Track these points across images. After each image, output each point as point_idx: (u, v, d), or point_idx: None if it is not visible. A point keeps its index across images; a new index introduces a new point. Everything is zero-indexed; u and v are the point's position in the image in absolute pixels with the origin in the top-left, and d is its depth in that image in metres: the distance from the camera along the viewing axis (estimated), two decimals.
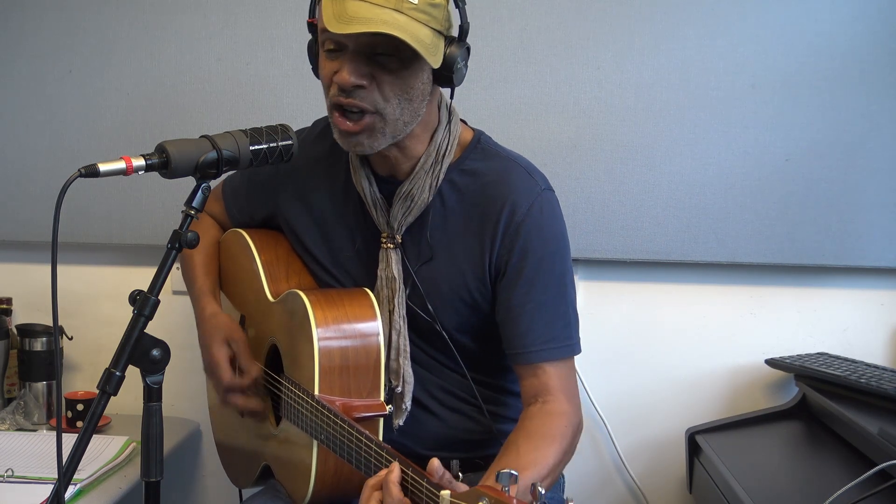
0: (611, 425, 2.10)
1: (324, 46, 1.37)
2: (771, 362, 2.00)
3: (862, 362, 1.92)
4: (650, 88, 1.98)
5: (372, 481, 1.19)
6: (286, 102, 2.04)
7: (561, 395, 1.43)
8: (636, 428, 2.11)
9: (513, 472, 0.99)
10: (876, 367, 1.89)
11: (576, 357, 1.50)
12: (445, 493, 1.05)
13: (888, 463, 1.31)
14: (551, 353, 1.44)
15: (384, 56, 1.32)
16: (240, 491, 1.85)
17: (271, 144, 1.32)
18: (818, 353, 2.03)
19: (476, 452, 1.55)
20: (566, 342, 1.47)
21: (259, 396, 1.58)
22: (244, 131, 1.30)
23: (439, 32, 1.35)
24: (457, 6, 1.39)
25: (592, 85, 1.99)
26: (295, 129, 1.38)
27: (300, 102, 2.03)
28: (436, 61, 1.33)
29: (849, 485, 1.27)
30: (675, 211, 2.00)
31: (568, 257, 1.51)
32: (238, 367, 1.56)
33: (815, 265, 2.02)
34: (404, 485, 1.15)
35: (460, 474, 1.37)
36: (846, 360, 1.94)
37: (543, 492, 0.96)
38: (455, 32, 1.40)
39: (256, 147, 1.30)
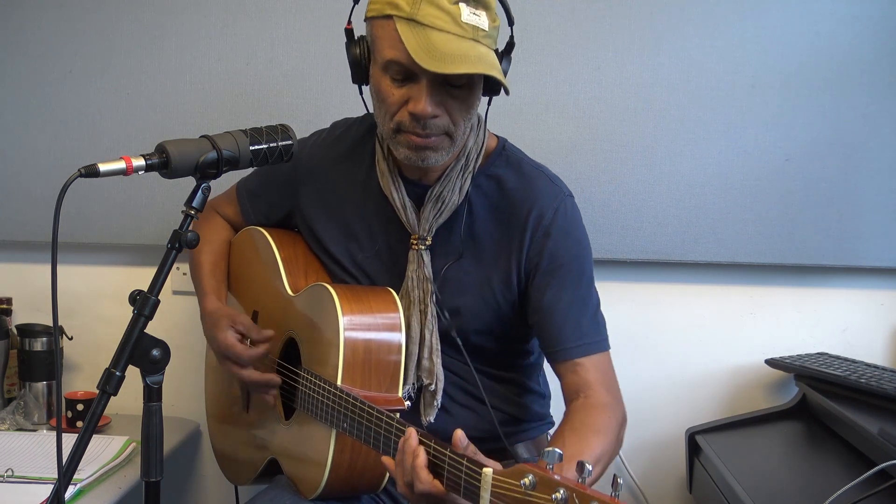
0: None
1: (387, 71, 1.37)
2: (771, 362, 2.00)
3: (862, 362, 1.92)
4: (650, 88, 1.98)
5: (400, 457, 1.21)
6: (286, 102, 2.04)
7: (601, 388, 1.47)
8: (636, 428, 2.09)
9: (558, 450, 0.99)
10: (876, 367, 1.89)
11: None
12: (488, 470, 1.06)
13: (888, 463, 1.31)
14: (586, 349, 1.49)
15: (458, 86, 1.36)
16: (235, 488, 1.85)
17: (271, 144, 1.32)
18: (818, 353, 2.03)
19: (482, 445, 1.56)
20: (597, 337, 1.52)
21: (272, 369, 1.59)
22: (244, 131, 1.30)
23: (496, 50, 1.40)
24: (509, 25, 1.44)
25: (592, 85, 1.99)
26: (297, 130, 1.38)
27: (300, 102, 2.04)
28: (509, 85, 1.37)
29: (849, 485, 1.27)
30: (675, 211, 2.00)
31: (591, 260, 1.57)
32: (251, 341, 1.57)
33: (815, 265, 2.02)
34: (440, 464, 1.15)
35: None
36: (846, 360, 1.94)
37: (591, 468, 0.96)
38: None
39: (256, 147, 1.30)
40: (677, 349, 2.10)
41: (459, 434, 1.17)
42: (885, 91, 1.94)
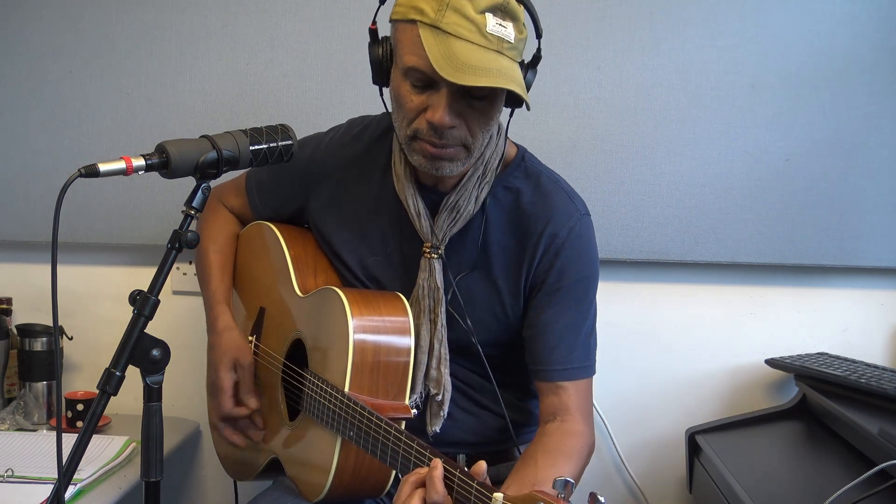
0: (611, 425, 2.10)
1: (408, 77, 1.35)
2: (771, 362, 2.00)
3: (862, 362, 1.92)
4: (650, 88, 1.98)
5: (412, 478, 1.19)
6: (286, 102, 2.04)
7: (578, 414, 1.47)
8: (636, 428, 2.11)
9: (569, 479, 1.00)
10: (876, 367, 1.89)
11: None
12: (499, 495, 1.06)
13: (888, 463, 1.31)
14: (573, 374, 1.48)
15: (479, 98, 1.34)
16: (235, 485, 1.85)
17: (271, 144, 1.31)
18: (818, 353, 2.03)
19: (482, 448, 1.57)
20: (585, 363, 1.51)
21: (245, 433, 1.60)
22: (244, 131, 1.30)
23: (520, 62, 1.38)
24: (537, 37, 1.41)
25: (592, 85, 1.99)
26: (297, 130, 1.38)
27: (300, 102, 2.03)
28: (530, 101, 1.34)
29: (849, 485, 1.27)
30: (675, 211, 2.00)
31: (597, 282, 1.56)
32: (238, 397, 1.58)
33: (815, 265, 2.02)
34: (449, 484, 1.15)
35: (466, 468, 1.37)
36: (846, 360, 1.94)
37: (603, 500, 0.97)
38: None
39: (256, 147, 1.30)
40: (677, 349, 2.10)
41: (483, 467, 1.15)
42: (885, 91, 1.95)
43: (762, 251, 2.00)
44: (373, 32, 1.43)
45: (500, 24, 1.30)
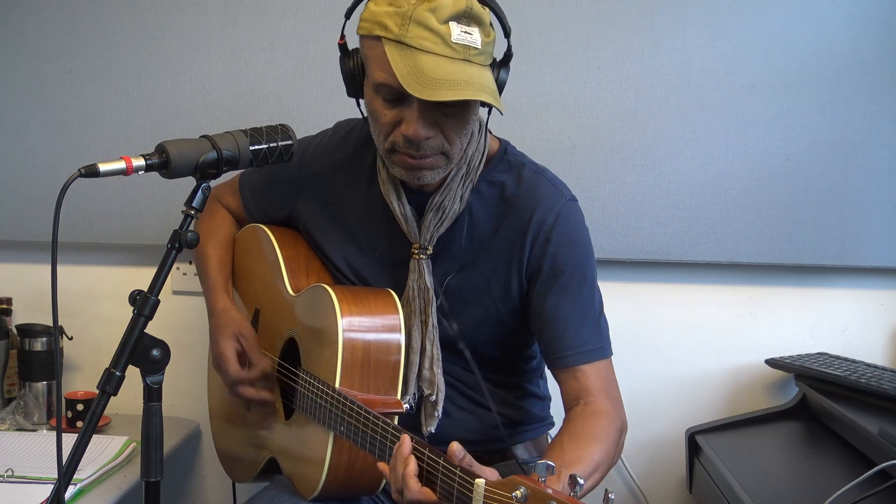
0: None
1: (379, 92, 1.35)
2: (771, 362, 2.00)
3: (862, 362, 1.92)
4: (650, 88, 1.98)
5: (393, 462, 1.21)
6: (286, 102, 2.04)
7: (601, 395, 1.45)
8: (636, 428, 2.08)
9: (550, 462, 0.99)
10: (876, 367, 1.89)
11: None
12: (480, 481, 1.06)
13: (888, 463, 1.31)
14: (587, 356, 1.47)
15: (451, 106, 1.33)
16: (233, 485, 1.85)
17: (271, 144, 1.31)
18: (818, 353, 2.03)
19: (481, 447, 1.56)
20: (598, 345, 1.50)
21: (269, 388, 1.60)
22: (244, 131, 1.30)
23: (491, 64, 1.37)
24: (506, 37, 1.40)
25: (592, 85, 1.99)
26: (297, 130, 1.38)
27: (300, 102, 2.04)
28: (502, 106, 1.34)
29: (849, 485, 1.27)
30: (675, 211, 2.00)
31: (594, 265, 1.55)
32: (248, 361, 1.58)
33: (815, 265, 2.02)
34: (433, 473, 1.16)
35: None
36: (846, 360, 1.94)
37: (583, 482, 0.96)
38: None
39: (256, 147, 1.30)
40: (677, 349, 2.10)
41: (456, 447, 1.16)
42: (885, 91, 1.94)
43: (762, 251, 2.00)
44: (342, 46, 1.43)
45: (466, 32, 1.30)
